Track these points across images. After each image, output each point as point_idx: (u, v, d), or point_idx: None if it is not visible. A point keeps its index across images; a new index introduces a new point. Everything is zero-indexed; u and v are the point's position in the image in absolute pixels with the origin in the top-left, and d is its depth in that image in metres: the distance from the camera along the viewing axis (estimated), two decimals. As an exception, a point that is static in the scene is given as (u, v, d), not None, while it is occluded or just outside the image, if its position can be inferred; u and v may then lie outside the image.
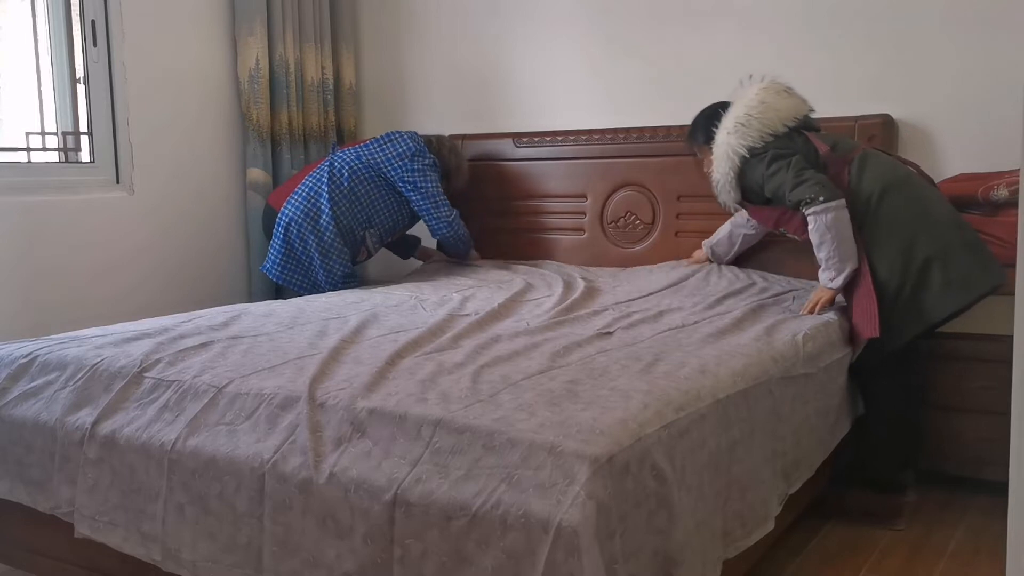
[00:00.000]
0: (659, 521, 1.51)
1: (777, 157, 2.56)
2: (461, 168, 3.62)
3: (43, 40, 3.28)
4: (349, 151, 3.48)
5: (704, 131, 2.77)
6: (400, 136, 3.48)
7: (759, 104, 2.61)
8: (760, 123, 2.59)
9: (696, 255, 3.20)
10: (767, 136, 2.58)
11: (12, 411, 2.11)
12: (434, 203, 3.42)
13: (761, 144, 2.58)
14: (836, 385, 2.39)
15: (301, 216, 3.34)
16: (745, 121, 2.60)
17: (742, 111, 2.62)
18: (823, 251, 2.49)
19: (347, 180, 3.37)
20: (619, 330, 2.31)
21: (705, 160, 2.80)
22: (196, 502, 1.75)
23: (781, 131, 2.60)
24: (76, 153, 3.36)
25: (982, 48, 2.89)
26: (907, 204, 2.48)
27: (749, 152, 2.59)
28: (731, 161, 2.63)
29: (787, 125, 2.60)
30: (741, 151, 2.60)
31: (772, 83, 2.68)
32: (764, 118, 2.60)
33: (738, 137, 2.61)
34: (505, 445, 1.48)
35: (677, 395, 1.71)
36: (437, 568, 1.45)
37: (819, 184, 2.47)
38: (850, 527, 2.55)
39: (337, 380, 1.83)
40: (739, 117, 2.62)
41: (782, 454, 2.04)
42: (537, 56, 3.76)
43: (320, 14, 3.93)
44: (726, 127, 2.64)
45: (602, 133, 3.54)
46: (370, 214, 3.42)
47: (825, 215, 2.44)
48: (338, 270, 3.37)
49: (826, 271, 2.52)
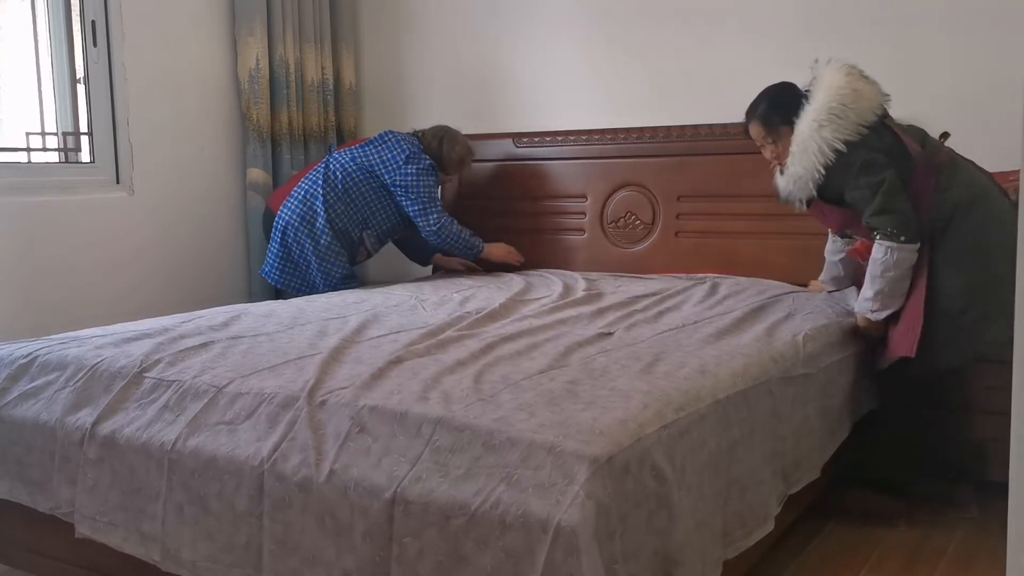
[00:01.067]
0: (659, 521, 1.51)
1: (868, 166, 2.39)
2: (463, 158, 3.56)
3: (43, 40, 3.28)
4: (344, 152, 3.47)
5: (783, 113, 2.53)
6: (395, 138, 3.46)
7: (851, 92, 2.41)
8: (855, 114, 2.39)
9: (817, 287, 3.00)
10: (862, 128, 2.39)
11: (12, 411, 2.11)
12: (423, 208, 3.38)
13: (856, 137, 2.39)
14: (836, 386, 2.39)
15: (297, 220, 3.35)
16: (840, 112, 2.39)
17: (835, 101, 2.40)
18: (877, 284, 2.41)
19: (341, 182, 3.36)
20: (619, 330, 2.31)
21: (777, 145, 2.57)
22: (196, 502, 1.75)
23: (872, 121, 2.41)
24: (76, 153, 3.36)
25: (982, 48, 2.89)
26: (986, 221, 2.39)
27: (845, 146, 2.39)
28: (821, 156, 2.40)
29: (876, 114, 2.42)
30: (837, 144, 2.39)
31: (851, 67, 2.46)
32: (858, 108, 2.40)
33: (832, 130, 2.39)
34: (505, 444, 1.48)
35: (677, 395, 1.71)
36: (434, 567, 1.45)
37: (905, 222, 2.36)
38: (850, 528, 2.55)
39: (338, 379, 1.83)
40: (833, 108, 2.40)
41: (782, 454, 2.04)
42: (537, 56, 3.76)
43: (320, 14, 3.93)
44: (815, 118, 2.41)
45: (602, 133, 3.54)
46: (366, 215, 3.41)
47: (897, 253, 2.36)
48: (335, 272, 3.38)
49: (871, 301, 2.45)
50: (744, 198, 3.25)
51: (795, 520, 2.30)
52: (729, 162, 3.28)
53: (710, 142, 3.32)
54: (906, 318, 2.42)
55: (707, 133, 3.33)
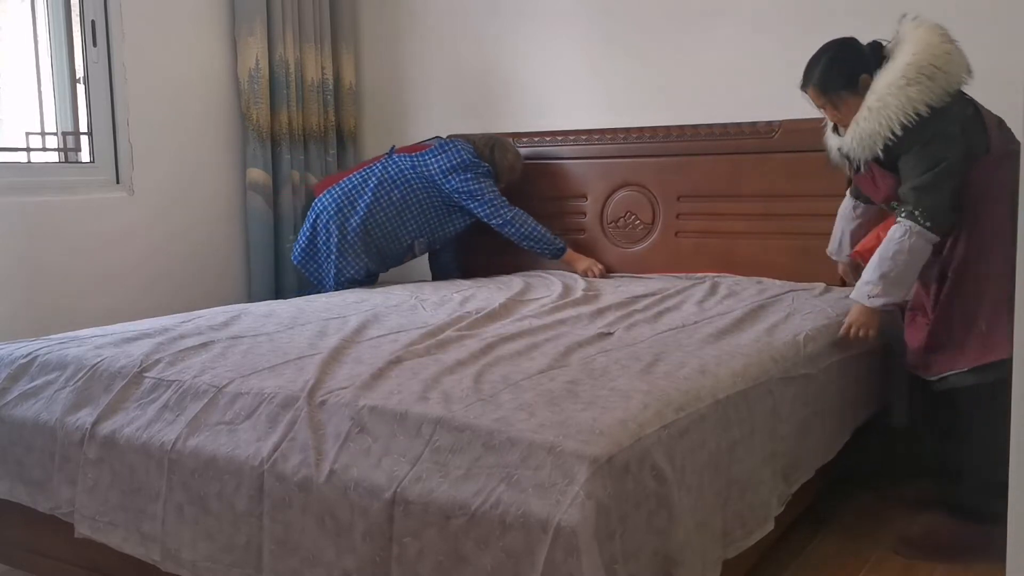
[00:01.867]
0: (659, 521, 1.51)
1: (941, 138, 2.24)
2: (514, 166, 3.58)
3: (43, 40, 3.28)
4: (404, 158, 3.50)
5: (844, 77, 2.36)
6: (454, 147, 3.49)
7: (943, 54, 2.25)
8: (946, 78, 2.24)
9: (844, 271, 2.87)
10: (947, 95, 2.24)
11: (12, 411, 2.11)
12: (493, 206, 3.41)
13: (940, 103, 2.23)
14: (837, 387, 2.39)
15: (333, 209, 3.41)
16: (931, 74, 2.23)
17: (926, 60, 2.24)
18: (884, 266, 2.28)
19: (399, 190, 3.41)
20: (619, 330, 2.31)
21: (839, 110, 2.40)
22: (196, 502, 1.75)
23: (956, 89, 2.27)
24: (76, 153, 3.36)
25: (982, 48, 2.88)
26: None
27: (929, 110, 2.22)
28: (903, 117, 2.23)
29: (962, 82, 2.28)
30: (921, 108, 2.22)
31: (942, 27, 2.30)
32: (948, 72, 2.24)
33: (919, 91, 2.22)
34: (505, 444, 1.48)
35: (677, 395, 1.71)
36: (434, 567, 1.45)
37: (940, 210, 2.24)
38: (850, 528, 2.55)
39: (338, 379, 1.83)
40: (923, 68, 2.23)
41: (782, 454, 2.04)
42: (537, 56, 3.76)
43: (320, 14, 3.93)
44: (904, 74, 2.24)
45: (602, 133, 3.54)
46: (421, 224, 3.46)
47: (916, 238, 2.24)
48: (348, 272, 3.40)
49: (872, 284, 2.31)
50: (744, 198, 3.25)
51: (795, 520, 2.30)
52: (729, 162, 3.28)
53: (710, 142, 3.33)
54: (1001, 312, 2.21)
55: (707, 133, 3.34)
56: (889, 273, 2.29)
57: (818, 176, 3.07)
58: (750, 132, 3.25)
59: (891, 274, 2.29)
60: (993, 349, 2.25)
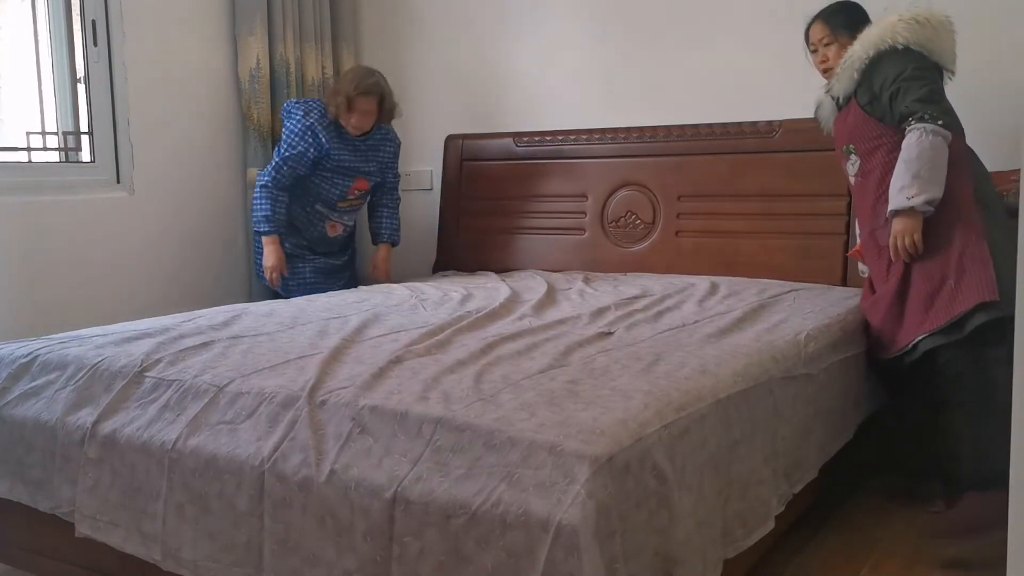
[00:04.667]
0: (660, 521, 1.51)
1: (923, 68, 2.37)
2: (338, 89, 3.35)
3: (43, 40, 3.28)
4: None
5: (851, 22, 2.55)
6: (285, 108, 3.48)
7: (941, 26, 2.41)
8: (936, 36, 2.39)
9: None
10: (926, 57, 2.39)
11: (13, 411, 2.11)
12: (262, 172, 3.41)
13: (920, 49, 2.39)
14: (838, 386, 2.39)
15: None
16: (923, 22, 2.39)
17: (925, 13, 2.40)
18: (913, 167, 2.30)
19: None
20: (619, 330, 2.31)
21: (830, 49, 2.58)
22: (196, 501, 1.75)
23: (936, 67, 2.41)
24: (76, 153, 3.36)
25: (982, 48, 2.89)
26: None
27: (907, 47, 2.38)
28: (879, 45, 2.41)
29: (944, 67, 2.43)
30: (900, 40, 2.38)
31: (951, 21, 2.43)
32: (938, 39, 2.40)
33: (906, 28, 2.38)
34: (505, 444, 1.48)
35: (678, 395, 1.71)
36: (435, 566, 1.45)
37: (946, 112, 2.33)
38: (850, 528, 2.55)
39: (338, 379, 1.83)
40: (919, 15, 2.39)
41: (783, 454, 2.04)
42: (537, 56, 3.76)
43: (320, 14, 3.93)
44: (900, 16, 2.40)
45: (602, 133, 3.55)
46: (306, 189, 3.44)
47: (932, 136, 2.29)
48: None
49: (909, 187, 2.31)
50: (744, 198, 3.25)
51: (795, 520, 2.30)
52: (729, 162, 3.28)
53: (710, 142, 3.33)
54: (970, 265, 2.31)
55: (707, 133, 3.34)
56: (920, 172, 2.32)
57: (818, 176, 3.08)
58: (750, 132, 3.25)
59: (922, 172, 2.32)
60: (962, 300, 2.31)
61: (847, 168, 2.64)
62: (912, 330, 2.42)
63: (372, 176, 3.54)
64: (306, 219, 3.50)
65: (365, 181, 3.52)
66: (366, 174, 3.51)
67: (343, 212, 3.55)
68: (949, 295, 2.35)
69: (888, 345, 2.50)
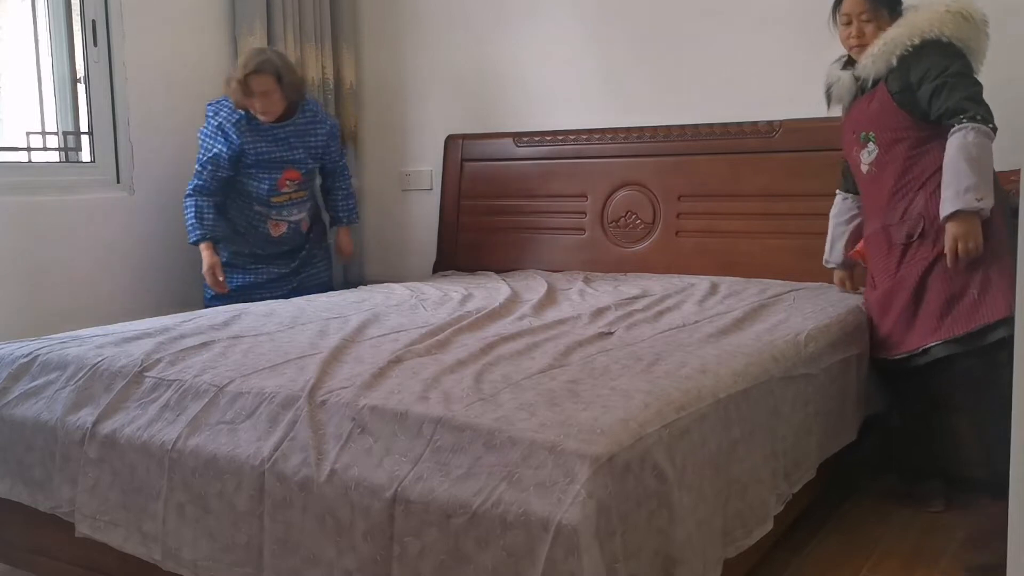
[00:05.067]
0: (660, 521, 1.51)
1: (968, 66, 2.33)
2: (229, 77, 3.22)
3: (43, 40, 3.28)
4: None
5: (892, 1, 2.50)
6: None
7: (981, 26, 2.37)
8: (975, 35, 2.35)
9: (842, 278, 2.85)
10: (965, 55, 2.34)
11: (13, 411, 2.11)
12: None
13: (962, 46, 2.34)
14: (838, 386, 2.39)
15: None
16: (968, 18, 2.33)
17: (969, 8, 2.35)
18: (976, 168, 2.22)
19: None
20: (620, 330, 2.31)
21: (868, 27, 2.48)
22: (196, 501, 1.75)
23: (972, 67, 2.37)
24: (76, 153, 3.36)
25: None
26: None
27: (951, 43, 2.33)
28: (926, 34, 2.34)
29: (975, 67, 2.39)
30: (946, 33, 2.32)
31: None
32: (976, 39, 2.37)
33: (952, 21, 2.33)
34: (506, 444, 1.48)
35: (678, 394, 1.71)
36: (435, 566, 1.45)
37: (991, 114, 2.28)
38: (850, 528, 2.55)
39: (339, 379, 1.83)
40: (965, 10, 2.34)
41: (783, 454, 2.04)
42: (537, 56, 3.76)
43: (320, 14, 3.93)
44: (948, 6, 2.34)
45: (602, 133, 3.55)
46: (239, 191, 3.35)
47: (985, 138, 2.25)
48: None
49: (975, 190, 2.23)
50: (745, 197, 3.25)
51: (795, 520, 2.30)
52: (729, 161, 3.29)
53: (710, 141, 3.33)
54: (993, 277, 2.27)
55: (707, 132, 3.34)
56: (984, 174, 2.27)
57: (818, 176, 3.08)
58: (751, 131, 3.25)
59: (984, 174, 2.27)
60: (985, 313, 2.29)
61: (859, 156, 2.57)
62: (925, 335, 2.41)
63: (302, 164, 3.35)
64: (247, 223, 3.37)
65: (295, 171, 3.33)
66: (294, 163, 3.32)
67: (282, 207, 3.36)
68: (971, 305, 2.32)
69: (894, 346, 2.49)
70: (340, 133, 3.56)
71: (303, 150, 3.34)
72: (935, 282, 2.39)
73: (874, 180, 2.53)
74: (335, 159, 3.51)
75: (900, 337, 2.47)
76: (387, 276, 3.97)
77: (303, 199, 3.43)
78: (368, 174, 4.22)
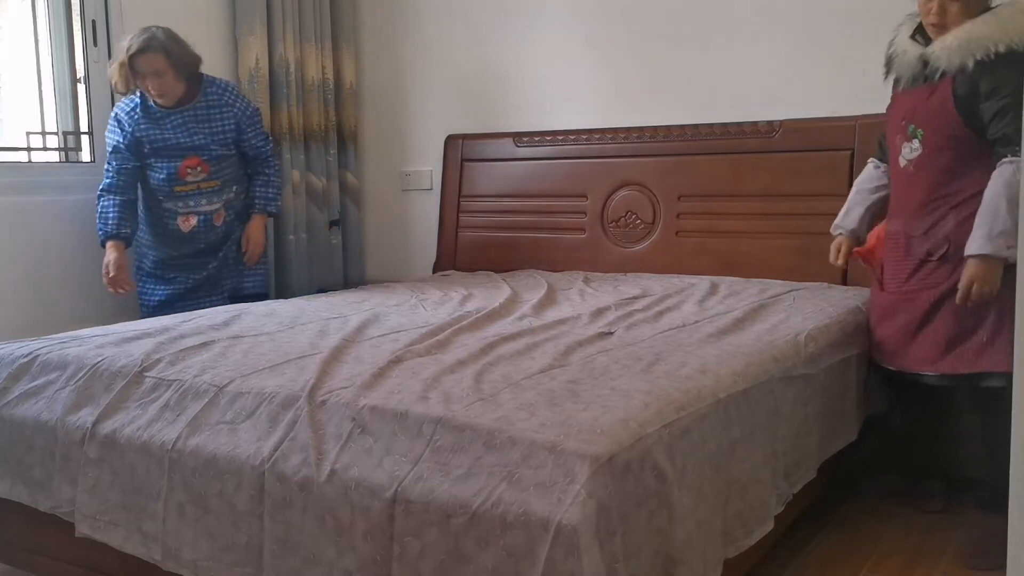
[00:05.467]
0: (660, 521, 1.51)
1: None
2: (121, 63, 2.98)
3: (43, 40, 3.28)
4: None
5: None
6: None
7: None
8: None
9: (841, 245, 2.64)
10: None
11: (13, 410, 2.11)
12: None
13: None
14: (838, 387, 2.39)
15: None
16: None
17: None
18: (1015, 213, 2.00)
19: None
20: (619, 330, 2.31)
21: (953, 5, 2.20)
22: (196, 501, 1.75)
23: None
24: (76, 153, 3.36)
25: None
26: None
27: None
28: (1013, 41, 2.10)
29: None
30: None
31: None
32: None
33: None
34: (506, 444, 1.48)
35: (678, 394, 1.71)
36: (436, 566, 1.45)
37: None
38: (850, 528, 2.55)
39: (339, 379, 1.83)
40: None
41: (783, 454, 2.04)
42: (537, 56, 3.76)
43: (320, 14, 3.93)
44: None
45: (602, 133, 3.55)
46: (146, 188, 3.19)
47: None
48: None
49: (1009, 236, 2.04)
50: (745, 198, 3.25)
51: (795, 520, 2.30)
52: (729, 162, 3.28)
53: (710, 141, 3.33)
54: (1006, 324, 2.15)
55: (707, 132, 3.34)
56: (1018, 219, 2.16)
57: (819, 176, 3.08)
58: (750, 131, 3.25)
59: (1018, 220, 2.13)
60: (989, 360, 2.23)
61: (900, 146, 2.38)
62: (924, 362, 2.36)
63: (205, 150, 3.10)
64: (158, 222, 3.16)
65: (196, 158, 3.09)
66: (195, 149, 3.09)
67: (188, 197, 3.12)
68: (977, 348, 2.24)
69: (889, 356, 2.48)
70: (260, 117, 3.33)
71: (206, 135, 3.11)
72: (946, 314, 2.31)
73: (909, 179, 2.38)
74: (255, 145, 3.25)
75: (896, 349, 2.44)
76: (387, 276, 3.98)
77: (215, 188, 3.16)
78: (368, 174, 4.22)
